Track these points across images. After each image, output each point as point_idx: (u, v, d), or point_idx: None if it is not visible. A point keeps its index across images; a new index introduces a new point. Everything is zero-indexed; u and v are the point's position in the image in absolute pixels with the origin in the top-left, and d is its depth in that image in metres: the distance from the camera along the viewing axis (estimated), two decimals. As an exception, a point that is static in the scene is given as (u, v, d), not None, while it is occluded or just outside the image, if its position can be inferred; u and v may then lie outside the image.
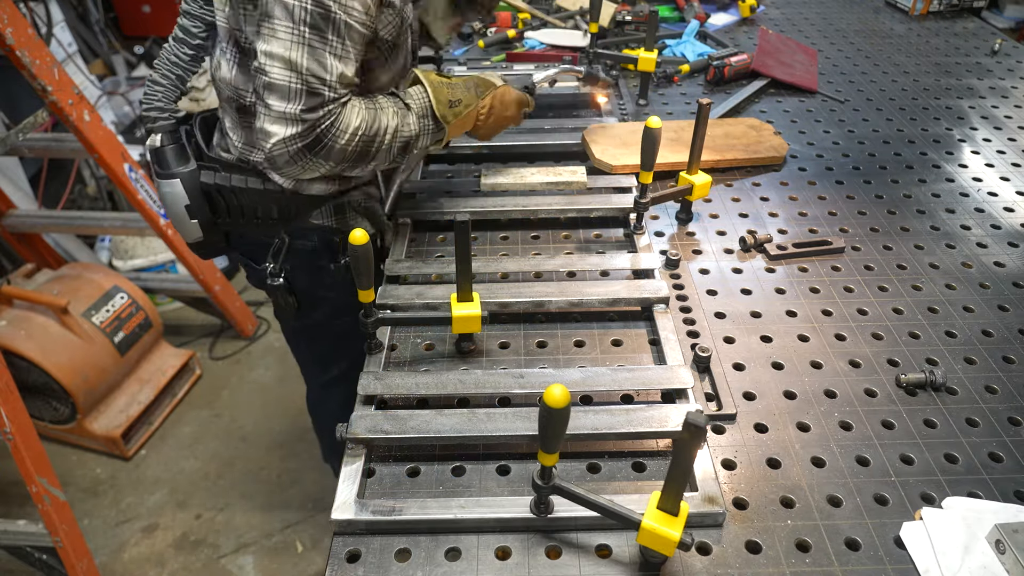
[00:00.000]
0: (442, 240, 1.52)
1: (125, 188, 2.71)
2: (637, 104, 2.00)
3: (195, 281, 3.14)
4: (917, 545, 0.92)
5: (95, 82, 3.82)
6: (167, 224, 2.89)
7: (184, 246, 2.97)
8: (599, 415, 1.03)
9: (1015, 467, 1.03)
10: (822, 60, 2.28)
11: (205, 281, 3.11)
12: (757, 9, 2.56)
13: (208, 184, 1.48)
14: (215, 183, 1.48)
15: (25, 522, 2.27)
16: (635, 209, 1.45)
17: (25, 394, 2.23)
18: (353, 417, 1.04)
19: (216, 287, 3.17)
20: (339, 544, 0.94)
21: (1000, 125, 1.93)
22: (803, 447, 1.06)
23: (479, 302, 1.17)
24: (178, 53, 1.45)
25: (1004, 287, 1.38)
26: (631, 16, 2.46)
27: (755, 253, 1.46)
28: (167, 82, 1.46)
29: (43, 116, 2.42)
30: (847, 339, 1.25)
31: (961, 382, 1.17)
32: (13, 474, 2.52)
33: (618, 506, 0.88)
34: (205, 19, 1.43)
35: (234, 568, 2.51)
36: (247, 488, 2.78)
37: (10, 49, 2.19)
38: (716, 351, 1.21)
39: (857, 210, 1.59)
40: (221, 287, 3.20)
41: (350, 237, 1.04)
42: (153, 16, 4.77)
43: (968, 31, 2.52)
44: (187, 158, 1.47)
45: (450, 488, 1.01)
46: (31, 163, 3.47)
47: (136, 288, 3.01)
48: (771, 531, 0.95)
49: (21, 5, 2.96)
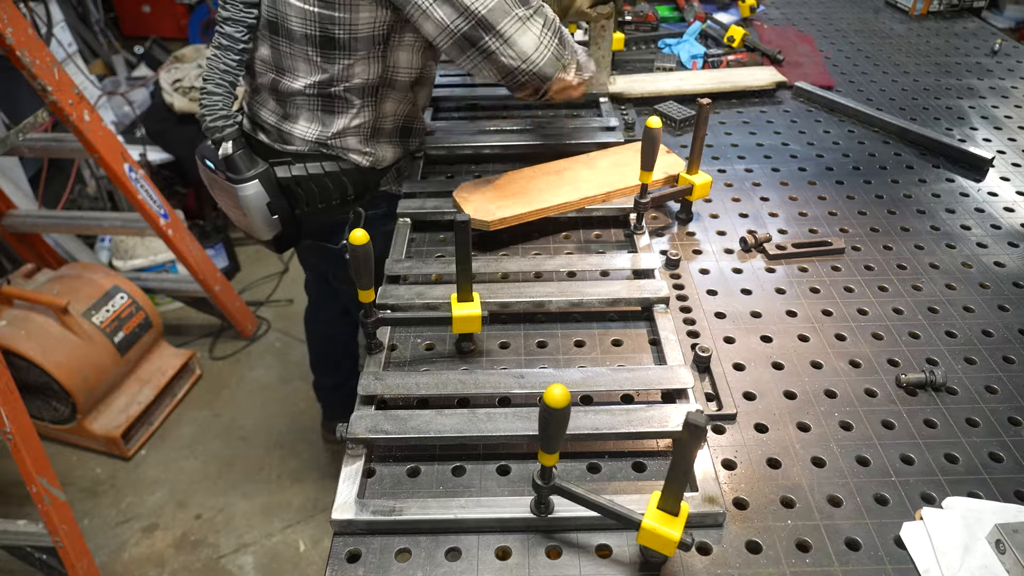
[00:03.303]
0: (442, 240, 1.52)
1: (125, 188, 2.71)
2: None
3: (195, 281, 3.14)
4: (917, 545, 0.92)
5: (95, 82, 3.82)
6: (167, 224, 2.89)
7: (184, 246, 2.98)
8: (599, 415, 1.03)
9: (1015, 467, 1.03)
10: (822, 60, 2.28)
11: (205, 281, 3.11)
12: (757, 9, 2.56)
13: (286, 178, 1.57)
14: (292, 176, 1.57)
15: (25, 522, 2.27)
16: (635, 209, 1.46)
17: (25, 394, 2.23)
18: (353, 417, 1.04)
19: (216, 287, 3.17)
20: (339, 544, 0.94)
21: (1000, 125, 1.93)
22: (803, 447, 1.06)
23: (479, 302, 1.17)
24: (226, 61, 1.50)
25: (1004, 287, 1.38)
26: (631, 16, 2.46)
27: (755, 253, 1.46)
28: (222, 90, 1.51)
29: (43, 116, 2.42)
30: (847, 339, 1.25)
31: (961, 382, 1.17)
32: (13, 474, 2.52)
33: (618, 506, 0.88)
34: (247, 22, 1.48)
35: (234, 568, 2.52)
36: (247, 488, 2.78)
37: (10, 49, 2.19)
38: (716, 351, 1.21)
39: (857, 210, 1.59)
40: (221, 287, 3.20)
41: (350, 237, 1.04)
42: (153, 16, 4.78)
43: (968, 31, 2.52)
44: (255, 159, 1.56)
45: (450, 488, 1.01)
46: (31, 163, 3.47)
47: (136, 288, 3.01)
48: (771, 531, 0.95)
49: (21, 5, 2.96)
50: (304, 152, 1.58)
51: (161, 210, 2.86)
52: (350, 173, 1.61)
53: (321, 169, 1.57)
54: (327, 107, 1.54)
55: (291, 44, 1.46)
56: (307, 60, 1.47)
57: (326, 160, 1.58)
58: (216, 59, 1.49)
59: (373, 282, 1.12)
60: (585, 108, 2.00)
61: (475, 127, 1.84)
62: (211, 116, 1.50)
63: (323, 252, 1.82)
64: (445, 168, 1.77)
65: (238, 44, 1.48)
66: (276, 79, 1.53)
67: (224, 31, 1.47)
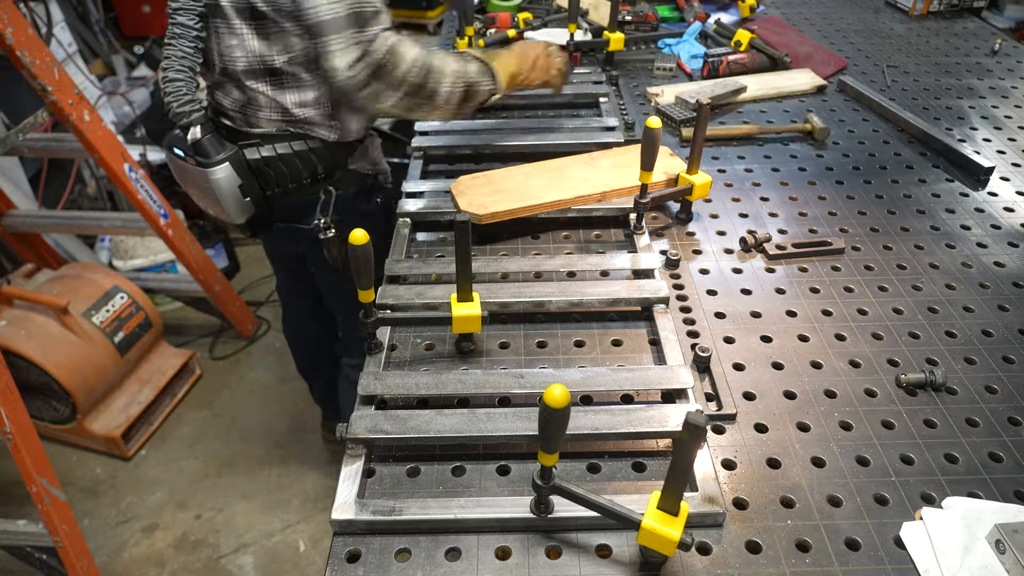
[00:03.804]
0: (442, 240, 1.52)
1: (125, 188, 2.71)
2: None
3: (195, 281, 3.14)
4: (917, 545, 0.92)
5: (95, 82, 3.82)
6: (167, 224, 2.89)
7: (184, 246, 2.98)
8: (599, 415, 1.03)
9: (1015, 467, 1.03)
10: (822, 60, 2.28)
11: (205, 281, 3.11)
12: (757, 9, 2.56)
13: (255, 160, 1.61)
14: (261, 156, 1.61)
15: (25, 522, 2.27)
16: (635, 209, 1.45)
17: (25, 394, 2.23)
18: (353, 417, 1.04)
19: (216, 287, 3.17)
20: (339, 544, 0.94)
21: (1000, 125, 1.93)
22: (803, 447, 1.06)
23: (479, 302, 1.17)
24: (182, 48, 1.54)
25: (1004, 287, 1.38)
26: (631, 16, 2.46)
27: (755, 253, 1.46)
28: (183, 76, 1.55)
29: (43, 116, 2.42)
30: (847, 339, 1.25)
31: (961, 382, 1.17)
32: (13, 474, 2.52)
33: (618, 506, 0.88)
34: (197, 10, 1.53)
35: (234, 568, 2.51)
36: (247, 488, 2.78)
37: (10, 49, 2.19)
38: (716, 351, 1.21)
39: (857, 210, 1.59)
40: (221, 287, 3.20)
41: (350, 237, 1.04)
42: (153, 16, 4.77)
43: (968, 31, 2.52)
44: (224, 143, 1.59)
45: (450, 488, 1.01)
46: (31, 163, 3.47)
47: (136, 288, 3.01)
48: (771, 531, 0.95)
49: (21, 5, 2.96)
50: (272, 133, 1.62)
51: (161, 210, 2.86)
52: (318, 151, 1.65)
53: (289, 148, 1.62)
54: (277, 83, 1.57)
55: (228, 24, 1.52)
56: (241, 37, 1.52)
57: (294, 139, 1.62)
58: (173, 47, 1.54)
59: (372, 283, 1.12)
60: (585, 108, 2.00)
61: (475, 127, 1.84)
62: (177, 102, 1.54)
63: (296, 235, 1.85)
64: (445, 168, 1.77)
65: (191, 31, 1.53)
66: (226, 64, 1.58)
67: (176, 20, 1.53)
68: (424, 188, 1.62)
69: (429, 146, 1.76)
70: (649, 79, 2.18)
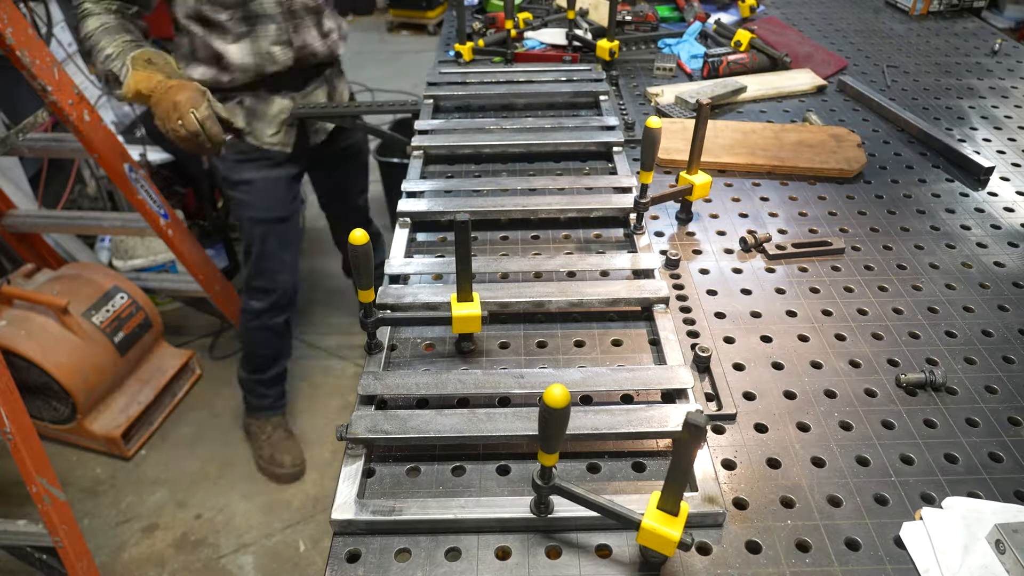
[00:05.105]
0: (442, 240, 1.52)
1: (125, 188, 2.71)
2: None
3: (195, 281, 3.14)
4: (917, 545, 0.92)
5: (95, 82, 3.82)
6: (167, 224, 2.89)
7: (184, 246, 2.98)
8: (599, 415, 1.03)
9: (1015, 467, 1.03)
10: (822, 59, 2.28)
11: (205, 281, 3.11)
12: (757, 9, 2.56)
13: None
14: None
15: (25, 522, 2.27)
16: (635, 209, 1.45)
17: (25, 394, 2.23)
18: (353, 417, 1.04)
19: (216, 287, 3.17)
20: (339, 544, 0.94)
21: (1000, 125, 1.93)
22: (803, 447, 1.06)
23: (479, 302, 1.17)
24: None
25: (1004, 287, 1.38)
26: (631, 16, 2.46)
27: (755, 253, 1.46)
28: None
29: (43, 116, 2.42)
30: (847, 339, 1.25)
31: (961, 382, 1.17)
32: (13, 474, 2.51)
33: (618, 506, 0.88)
34: None
35: (234, 568, 2.52)
36: (247, 488, 2.78)
37: (10, 49, 2.19)
38: (716, 351, 1.21)
39: (857, 210, 1.59)
40: (221, 287, 3.20)
41: (350, 237, 1.04)
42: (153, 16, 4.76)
43: (968, 31, 2.52)
44: None
45: (450, 488, 1.01)
46: (31, 163, 3.47)
47: (136, 288, 3.01)
48: (771, 531, 0.95)
49: (21, 5, 2.96)
50: None
51: (161, 210, 2.86)
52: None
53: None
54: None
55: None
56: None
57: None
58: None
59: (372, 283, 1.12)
60: (585, 108, 2.00)
61: (475, 127, 1.84)
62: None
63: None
64: (445, 168, 1.77)
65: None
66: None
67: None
68: (424, 188, 1.62)
69: (429, 146, 1.76)
70: (649, 79, 2.19)
